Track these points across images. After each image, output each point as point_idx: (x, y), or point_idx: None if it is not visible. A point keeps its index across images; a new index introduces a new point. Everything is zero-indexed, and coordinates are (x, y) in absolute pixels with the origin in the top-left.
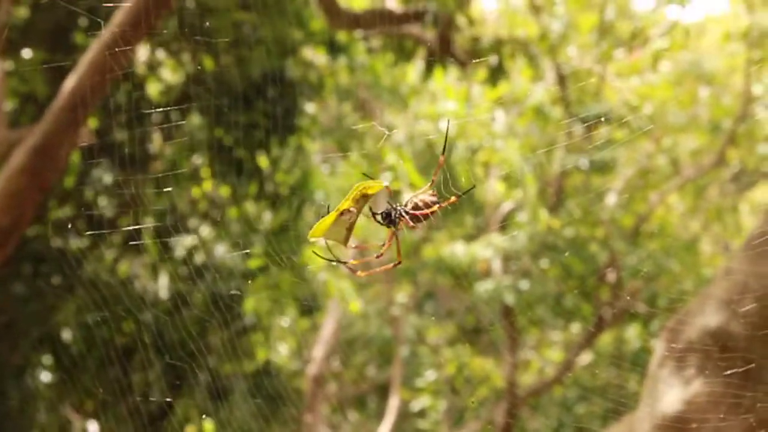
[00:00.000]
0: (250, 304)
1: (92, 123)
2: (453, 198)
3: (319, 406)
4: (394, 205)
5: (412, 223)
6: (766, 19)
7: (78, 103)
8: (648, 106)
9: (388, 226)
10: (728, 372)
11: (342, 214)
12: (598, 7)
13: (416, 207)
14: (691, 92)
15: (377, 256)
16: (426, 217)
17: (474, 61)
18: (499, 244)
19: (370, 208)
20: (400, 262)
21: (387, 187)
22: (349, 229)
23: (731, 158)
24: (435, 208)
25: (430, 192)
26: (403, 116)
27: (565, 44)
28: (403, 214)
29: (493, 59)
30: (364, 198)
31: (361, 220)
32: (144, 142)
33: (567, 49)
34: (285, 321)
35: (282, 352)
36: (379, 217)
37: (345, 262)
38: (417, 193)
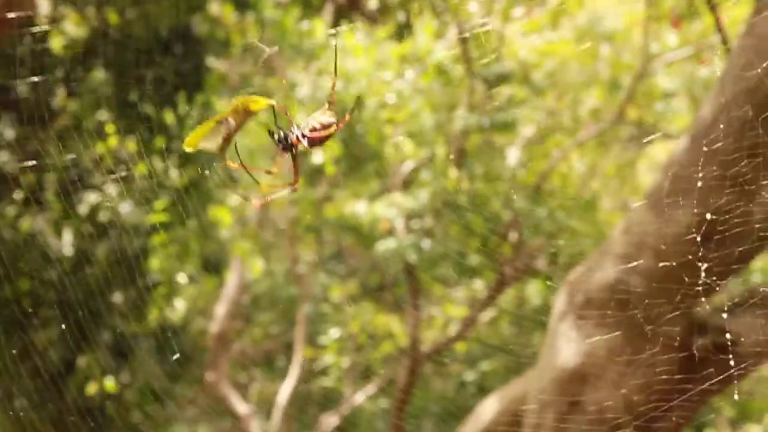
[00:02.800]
0: (155, 262)
1: None
2: (347, 116)
3: (223, 364)
4: (291, 128)
5: (308, 146)
6: None
7: None
8: (549, 64)
9: (285, 150)
10: (626, 325)
11: (220, 123)
12: None
13: (314, 129)
14: (592, 50)
15: (291, 188)
16: (324, 139)
17: (380, 17)
18: (401, 204)
19: (269, 131)
20: (296, 188)
21: (274, 105)
22: (226, 139)
23: (630, 116)
24: (332, 129)
25: (328, 113)
26: (307, 73)
27: (465, 1)
28: (300, 137)
29: (400, 16)
30: (246, 112)
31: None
32: (47, 96)
33: (467, 6)
34: (189, 278)
35: (186, 310)
36: (276, 140)
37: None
38: (314, 115)
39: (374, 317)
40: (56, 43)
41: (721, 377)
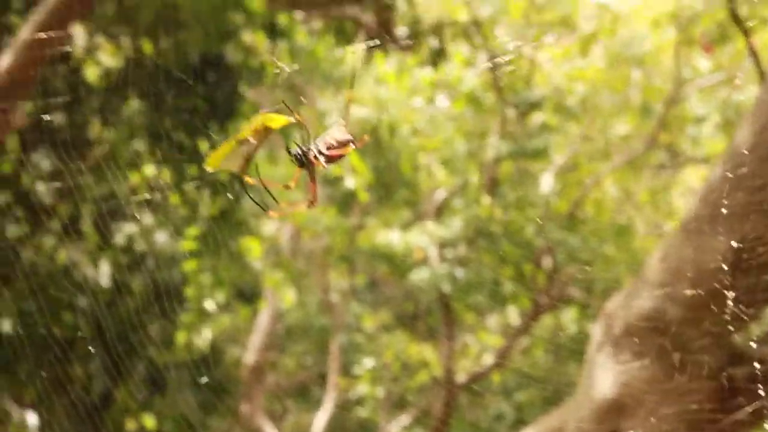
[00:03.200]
0: (190, 291)
1: (29, 107)
2: (366, 136)
3: (257, 395)
4: (307, 145)
5: (325, 163)
6: (693, 1)
7: (12, 85)
8: (580, 90)
9: (301, 167)
10: (663, 354)
11: (240, 143)
12: None
13: (330, 146)
14: (623, 75)
15: (309, 205)
16: (341, 156)
17: (413, 43)
18: (434, 232)
19: (287, 148)
20: (313, 203)
21: (298, 120)
22: (247, 159)
23: (663, 141)
24: (350, 146)
25: (344, 130)
26: (336, 101)
27: (495, 29)
28: (317, 154)
29: (434, 42)
30: (266, 130)
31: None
32: (83, 126)
33: (498, 34)
34: (222, 308)
35: (220, 340)
36: (292, 157)
37: (264, 209)
38: (329, 131)
39: (408, 347)
40: (91, 74)
41: (754, 408)
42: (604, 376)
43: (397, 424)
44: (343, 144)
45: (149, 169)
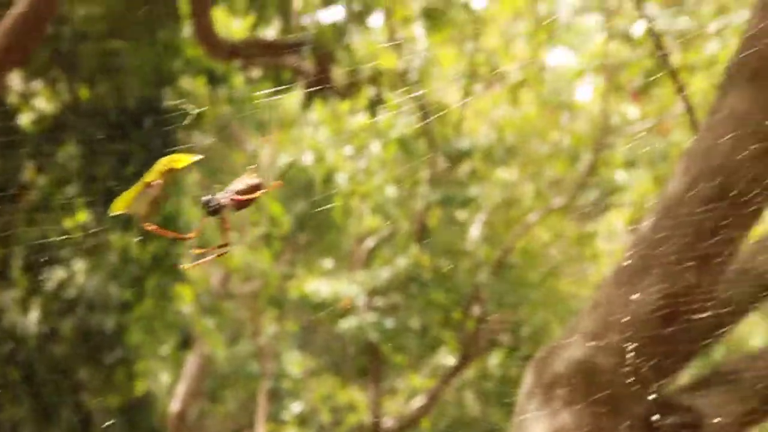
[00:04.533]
0: (133, 338)
1: None
2: (278, 182)
3: None
4: (215, 193)
5: (236, 209)
6: (619, 52)
7: None
8: (509, 138)
9: (212, 213)
10: (594, 404)
11: (146, 186)
12: (457, 44)
13: (240, 192)
14: (552, 121)
15: (221, 245)
16: (251, 201)
17: (351, 91)
18: (363, 281)
19: (200, 198)
20: (227, 246)
21: (197, 163)
22: (154, 203)
23: (590, 185)
24: (259, 191)
25: (253, 175)
26: (267, 144)
27: (427, 79)
28: (224, 201)
29: (372, 90)
30: (170, 172)
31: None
32: (15, 172)
33: (429, 83)
34: (160, 353)
35: (156, 385)
36: (203, 204)
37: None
38: (239, 179)
39: (337, 391)
40: (25, 119)
41: None
42: (534, 424)
43: None
44: (253, 189)
45: (82, 215)
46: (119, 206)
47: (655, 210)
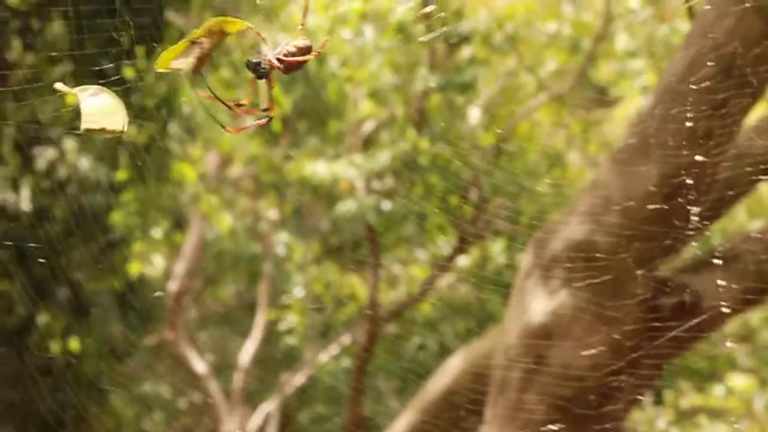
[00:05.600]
0: (116, 218)
1: None
2: (326, 41)
3: (181, 322)
4: (266, 53)
5: (285, 71)
6: None
7: None
8: (510, 24)
9: (260, 77)
10: (592, 283)
11: (193, 43)
12: None
13: (289, 54)
14: (553, 10)
15: (264, 110)
16: (302, 63)
17: None
18: (361, 164)
19: (246, 60)
20: (271, 117)
21: (251, 28)
22: (201, 60)
23: (592, 77)
24: (310, 53)
25: (302, 37)
26: (268, 28)
27: None
28: (276, 62)
29: None
30: (221, 32)
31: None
32: (2, 50)
33: None
34: (154, 236)
35: (149, 268)
36: (251, 67)
37: (229, 106)
38: (288, 40)
39: (337, 278)
40: None
41: (684, 336)
42: (533, 303)
43: (325, 353)
44: (303, 51)
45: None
46: (163, 63)
47: (655, 89)
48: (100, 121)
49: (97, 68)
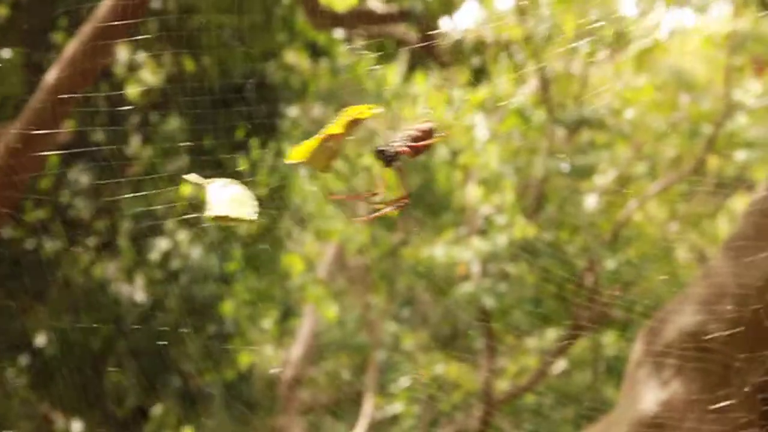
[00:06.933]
0: (227, 308)
1: (70, 124)
2: (448, 129)
3: (293, 410)
4: (390, 141)
5: (413, 155)
6: (745, 25)
7: (55, 101)
8: (629, 111)
9: (389, 163)
10: (705, 373)
11: (327, 140)
12: (582, 10)
13: (414, 138)
14: (672, 98)
15: (399, 205)
16: (427, 146)
17: (456, 63)
18: (478, 247)
19: (376, 149)
20: (407, 200)
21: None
22: (332, 157)
23: (710, 166)
24: (434, 136)
25: (426, 120)
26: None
27: (548, 46)
28: (402, 147)
29: (475, 61)
30: (354, 123)
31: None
32: (122, 143)
33: (550, 51)
34: (263, 326)
35: (259, 357)
36: (379, 155)
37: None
38: (410, 125)
39: (445, 366)
40: (132, 91)
41: None
42: (644, 392)
43: None
44: (427, 134)
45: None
46: (296, 156)
47: None
48: (229, 209)
49: (213, 159)
